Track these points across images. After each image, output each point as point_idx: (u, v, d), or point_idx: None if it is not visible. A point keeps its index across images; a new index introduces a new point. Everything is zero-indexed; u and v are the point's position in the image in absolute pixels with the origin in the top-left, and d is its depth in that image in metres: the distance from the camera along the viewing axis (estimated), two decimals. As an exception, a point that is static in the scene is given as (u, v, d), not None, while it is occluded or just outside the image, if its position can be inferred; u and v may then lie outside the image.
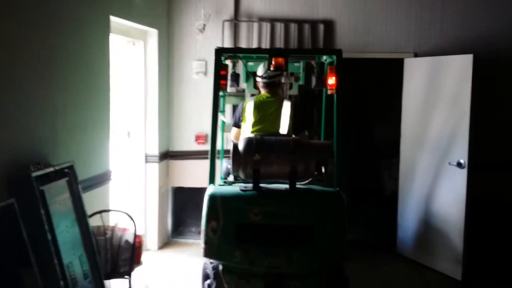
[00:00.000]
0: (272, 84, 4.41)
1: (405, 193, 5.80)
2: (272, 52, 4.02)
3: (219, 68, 4.02)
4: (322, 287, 3.80)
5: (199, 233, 6.34)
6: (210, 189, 3.85)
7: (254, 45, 5.88)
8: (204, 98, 6.02)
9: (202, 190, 6.18)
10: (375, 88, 7.99)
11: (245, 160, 3.67)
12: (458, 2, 5.82)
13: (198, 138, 6.10)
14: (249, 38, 5.93)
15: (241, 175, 3.76)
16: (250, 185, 3.80)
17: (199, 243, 6.39)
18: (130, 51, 5.46)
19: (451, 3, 5.82)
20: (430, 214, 5.42)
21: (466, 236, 5.06)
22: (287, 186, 3.84)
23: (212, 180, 4.09)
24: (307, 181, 3.88)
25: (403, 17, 5.88)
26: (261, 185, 3.76)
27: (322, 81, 4.91)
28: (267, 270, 3.67)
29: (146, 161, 5.74)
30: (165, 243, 6.15)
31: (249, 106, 4.31)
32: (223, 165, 5.22)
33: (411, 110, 5.71)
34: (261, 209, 3.65)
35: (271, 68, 3.97)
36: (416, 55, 5.85)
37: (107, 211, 4.04)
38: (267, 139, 3.77)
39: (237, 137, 4.52)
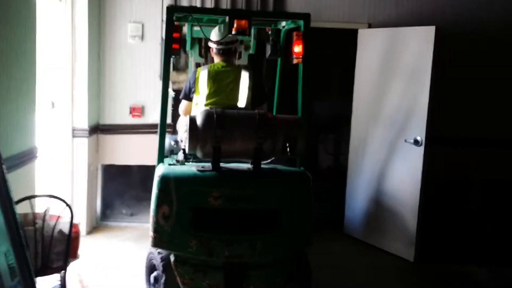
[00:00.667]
0: (228, 51, 3.97)
1: (354, 171, 5.61)
2: (234, 13, 3.56)
3: (171, 29, 3.51)
4: (285, 275, 3.50)
5: (131, 215, 5.86)
6: (161, 169, 3.39)
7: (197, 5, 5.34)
8: (141, 66, 5.47)
9: (134, 168, 5.78)
10: (319, 60, 7.73)
11: (204, 136, 3.25)
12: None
13: (133, 110, 5.53)
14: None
15: (199, 153, 3.32)
16: (208, 165, 3.39)
17: (133, 226, 6.02)
18: (55, 9, 4.76)
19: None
20: (382, 193, 5.27)
21: (420, 216, 4.96)
22: (248, 165, 3.47)
23: (161, 158, 3.62)
24: (269, 160, 3.53)
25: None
26: (221, 164, 3.35)
27: (278, 50, 4.56)
28: (227, 260, 3.30)
29: (74, 136, 5.11)
30: (94, 228, 5.58)
31: (203, 76, 3.85)
32: (166, 141, 4.74)
33: (364, 84, 5.49)
34: (221, 192, 3.27)
35: (233, 32, 3.53)
36: (370, 26, 5.61)
37: (39, 196, 3.45)
38: (229, 112, 3.36)
39: (188, 111, 4.06)
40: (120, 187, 5.74)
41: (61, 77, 4.95)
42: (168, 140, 4.72)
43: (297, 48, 3.67)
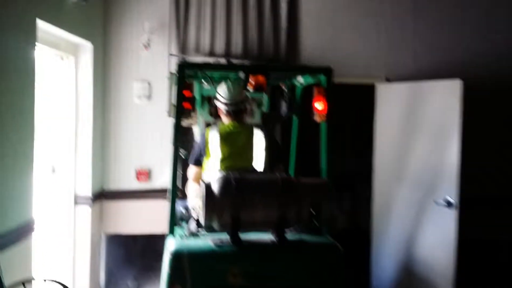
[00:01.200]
0: (239, 112, 3.70)
1: (379, 235, 5.22)
2: (250, 68, 3.30)
3: (183, 87, 3.25)
4: None
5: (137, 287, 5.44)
6: (172, 244, 3.04)
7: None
8: (148, 127, 5.20)
9: (140, 237, 5.38)
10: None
11: (222, 205, 2.92)
12: (431, 21, 5.45)
13: (139, 174, 5.21)
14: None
15: (216, 224, 2.97)
16: (225, 237, 3.04)
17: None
18: (58, 68, 4.54)
19: (423, 23, 5.43)
20: (412, 260, 4.85)
21: (455, 285, 4.52)
22: (270, 236, 3.12)
23: (172, 229, 3.27)
24: (292, 229, 3.18)
25: (373, 36, 5.40)
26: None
27: (294, 107, 4.31)
28: None
29: (76, 203, 4.77)
30: (96, 303, 5.14)
31: (213, 137, 3.57)
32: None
33: (386, 141, 5.19)
34: (242, 269, 2.91)
35: (250, 89, 3.27)
36: (387, 80, 5.38)
37: (36, 280, 3.07)
38: (248, 177, 3.04)
39: (197, 177, 3.76)
40: (126, 258, 5.33)
41: (63, 139, 4.67)
42: (178, 207, 4.41)
43: (319, 105, 3.40)
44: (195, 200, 3.77)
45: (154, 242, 5.15)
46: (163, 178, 5.23)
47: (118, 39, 5.13)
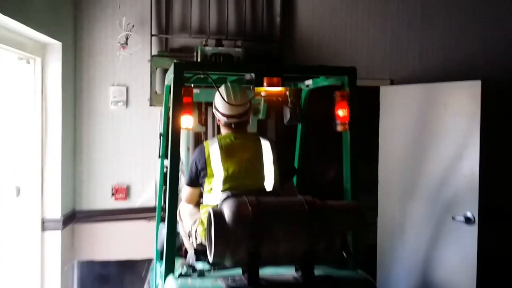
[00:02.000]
0: (242, 123, 3.20)
1: (388, 256, 4.77)
2: (262, 70, 2.79)
3: (181, 92, 2.70)
4: None
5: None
6: (172, 286, 2.49)
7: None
8: (125, 137, 4.62)
9: (117, 263, 4.78)
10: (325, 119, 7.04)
11: (236, 236, 2.38)
12: (439, 22, 5.07)
13: (116, 191, 4.61)
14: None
15: (228, 261, 2.44)
16: (238, 275, 2.52)
17: None
18: (21, 72, 3.93)
19: (431, 23, 5.05)
20: (430, 284, 4.41)
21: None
22: (292, 272, 2.62)
23: (171, 264, 2.72)
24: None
25: (377, 37, 4.99)
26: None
27: (298, 114, 3.80)
28: None
29: (44, 229, 4.15)
30: None
31: (214, 152, 3.04)
32: (162, 232, 3.87)
33: (392, 149, 4.77)
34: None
35: (263, 94, 2.77)
36: (392, 82, 4.97)
37: None
38: (267, 200, 2.53)
39: (193, 199, 3.24)
40: (101, 287, 4.72)
41: (28, 155, 4.05)
42: (165, 230, 3.86)
43: (342, 112, 2.91)
44: (189, 225, 3.24)
45: (133, 269, 4.61)
46: (144, 196, 4.67)
47: (90, 38, 4.53)
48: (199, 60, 4.30)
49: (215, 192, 3.00)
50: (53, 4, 3.84)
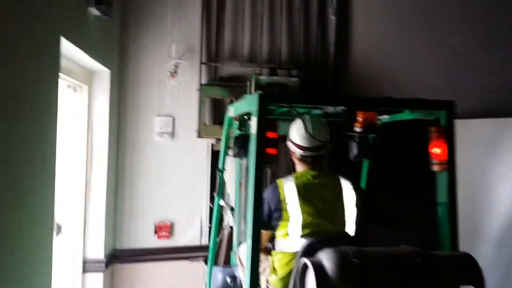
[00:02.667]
0: (319, 157, 2.94)
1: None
2: (354, 102, 2.54)
3: (265, 126, 2.45)
4: None
5: None
6: None
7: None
8: (170, 170, 4.36)
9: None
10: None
11: (341, 294, 2.10)
12: (505, 57, 4.86)
13: (159, 229, 4.34)
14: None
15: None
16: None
17: None
18: (67, 101, 3.70)
19: (496, 58, 4.84)
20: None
21: None
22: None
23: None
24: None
25: (436, 68, 4.78)
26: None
27: (367, 150, 3.54)
28: None
29: (85, 270, 3.86)
30: None
31: (289, 192, 2.77)
32: (217, 276, 3.62)
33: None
34: None
35: (358, 129, 2.51)
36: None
37: None
38: (370, 252, 2.24)
39: (261, 243, 2.96)
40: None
41: (71, 189, 3.79)
42: (221, 275, 3.59)
43: (438, 150, 2.65)
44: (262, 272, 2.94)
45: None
46: (188, 234, 4.39)
47: (136, 66, 4.32)
48: (253, 90, 4.09)
49: (292, 238, 2.73)
50: (104, 29, 3.63)
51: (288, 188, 2.80)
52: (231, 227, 4.21)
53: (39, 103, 2.43)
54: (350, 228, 2.80)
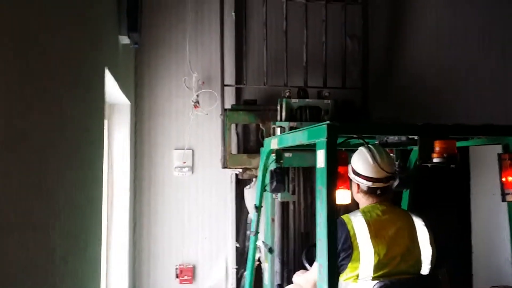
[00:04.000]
0: (387, 190, 2.81)
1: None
2: (430, 130, 2.43)
3: (336, 161, 2.31)
4: None
5: None
6: None
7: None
8: (191, 208, 4.16)
9: None
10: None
11: None
12: None
13: (181, 272, 4.10)
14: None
15: None
16: None
17: None
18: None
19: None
20: None
21: None
22: None
23: None
24: None
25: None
26: None
27: (408, 180, 3.43)
28: None
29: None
30: None
31: (360, 231, 2.61)
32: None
33: (487, 217, 4.42)
34: None
35: (435, 159, 2.40)
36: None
37: None
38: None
39: None
40: None
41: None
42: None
43: (512, 179, 2.56)
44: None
45: None
46: (212, 278, 4.16)
47: (152, 97, 4.15)
48: (284, 114, 3.91)
49: (363, 281, 2.56)
50: (128, 59, 3.46)
51: (358, 225, 2.64)
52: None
53: (86, 145, 2.24)
54: (426, 268, 2.67)
